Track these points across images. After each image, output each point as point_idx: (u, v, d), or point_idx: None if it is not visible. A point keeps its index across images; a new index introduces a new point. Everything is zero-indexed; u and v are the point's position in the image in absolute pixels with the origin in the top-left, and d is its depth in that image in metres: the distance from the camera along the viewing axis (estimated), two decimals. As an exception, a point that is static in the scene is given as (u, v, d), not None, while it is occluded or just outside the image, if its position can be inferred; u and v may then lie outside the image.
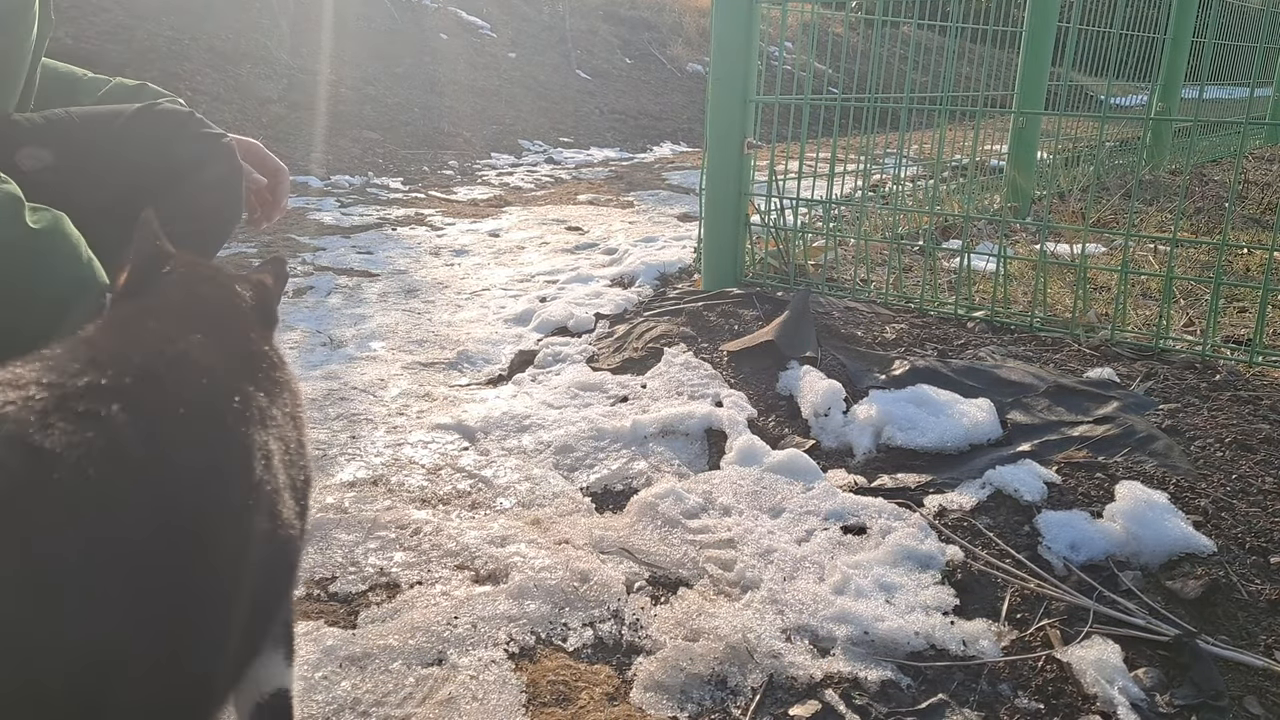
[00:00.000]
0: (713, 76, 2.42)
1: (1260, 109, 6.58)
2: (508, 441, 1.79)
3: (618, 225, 4.01)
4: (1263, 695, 1.08)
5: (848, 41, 4.62)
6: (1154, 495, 1.39)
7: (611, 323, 2.45)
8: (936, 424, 1.65)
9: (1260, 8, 6.49)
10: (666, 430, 1.77)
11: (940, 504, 1.47)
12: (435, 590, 1.30)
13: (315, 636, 1.18)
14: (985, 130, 4.43)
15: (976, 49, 4.08)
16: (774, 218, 2.49)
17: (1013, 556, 1.33)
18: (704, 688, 1.13)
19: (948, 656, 1.16)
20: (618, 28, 9.88)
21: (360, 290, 2.88)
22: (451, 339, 2.42)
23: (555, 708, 1.09)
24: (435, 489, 1.61)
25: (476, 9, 8.44)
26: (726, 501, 1.51)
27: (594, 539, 1.43)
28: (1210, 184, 4.48)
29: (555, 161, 6.21)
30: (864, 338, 2.13)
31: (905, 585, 1.28)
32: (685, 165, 6.35)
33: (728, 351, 2.08)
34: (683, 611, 1.25)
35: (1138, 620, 1.18)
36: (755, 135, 2.44)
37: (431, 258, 3.36)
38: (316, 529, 1.45)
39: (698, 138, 7.72)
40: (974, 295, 2.39)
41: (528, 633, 1.21)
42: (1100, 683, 1.09)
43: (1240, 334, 2.19)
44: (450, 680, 1.12)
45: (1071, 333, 2.11)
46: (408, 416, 1.91)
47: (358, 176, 4.92)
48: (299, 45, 6.10)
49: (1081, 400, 1.74)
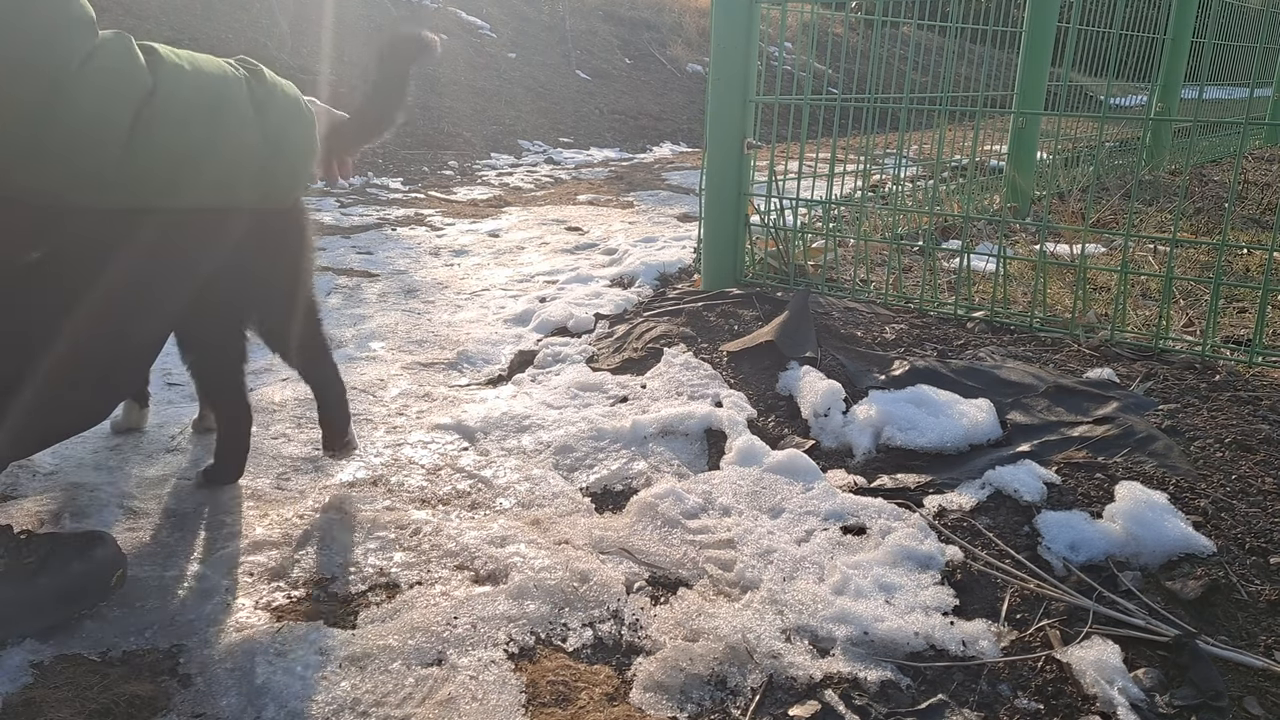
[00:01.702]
0: (713, 77, 2.42)
1: (1260, 109, 6.58)
2: (507, 442, 1.79)
3: (617, 225, 4.01)
4: (1262, 695, 1.08)
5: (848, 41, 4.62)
6: (1154, 495, 1.39)
7: (611, 323, 2.45)
8: (936, 424, 1.65)
9: (1260, 8, 6.50)
10: (666, 430, 1.77)
11: (940, 504, 1.47)
12: (435, 590, 1.30)
13: (315, 636, 1.18)
14: (985, 130, 4.43)
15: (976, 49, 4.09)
16: (774, 218, 2.49)
17: (1012, 557, 1.33)
18: (704, 688, 1.13)
19: (947, 657, 1.16)
20: (618, 28, 9.88)
21: (360, 290, 2.88)
22: (451, 339, 2.42)
23: (555, 708, 1.09)
24: (435, 489, 1.61)
25: (476, 9, 8.44)
26: (726, 502, 1.51)
27: (594, 539, 1.43)
28: (1210, 184, 4.48)
29: (555, 162, 6.21)
30: (864, 338, 2.13)
31: (905, 585, 1.28)
32: (685, 165, 6.35)
33: (727, 352, 2.08)
34: (682, 612, 1.25)
35: (1137, 621, 1.18)
36: (755, 135, 2.44)
37: (431, 258, 3.36)
38: (316, 529, 1.45)
39: (698, 138, 7.73)
40: (974, 295, 2.39)
41: (527, 633, 1.21)
42: (1100, 683, 1.09)
43: (1240, 334, 2.19)
44: (450, 680, 1.12)
45: (1071, 333, 2.11)
46: (407, 417, 1.91)
47: (357, 177, 4.92)
48: (299, 45, 6.10)
49: (1081, 400, 1.74)
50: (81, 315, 1.13)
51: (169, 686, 1.10)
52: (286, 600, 1.27)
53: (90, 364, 1.18)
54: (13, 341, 1.12)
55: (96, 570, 1.21)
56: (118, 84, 1.04)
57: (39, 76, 0.97)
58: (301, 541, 1.41)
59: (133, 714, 1.05)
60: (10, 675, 1.09)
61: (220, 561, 1.35)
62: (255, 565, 1.35)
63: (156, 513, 1.49)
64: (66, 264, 1.15)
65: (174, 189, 1.15)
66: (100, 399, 1.25)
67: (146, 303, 1.23)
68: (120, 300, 1.18)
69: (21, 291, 1.13)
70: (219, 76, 1.18)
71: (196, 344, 1.49)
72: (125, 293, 1.18)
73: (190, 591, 1.28)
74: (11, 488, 1.53)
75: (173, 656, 1.15)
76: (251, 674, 1.11)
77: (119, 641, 1.17)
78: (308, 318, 1.55)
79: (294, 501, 1.54)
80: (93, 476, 1.59)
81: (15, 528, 1.21)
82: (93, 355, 1.18)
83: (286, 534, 1.43)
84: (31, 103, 0.98)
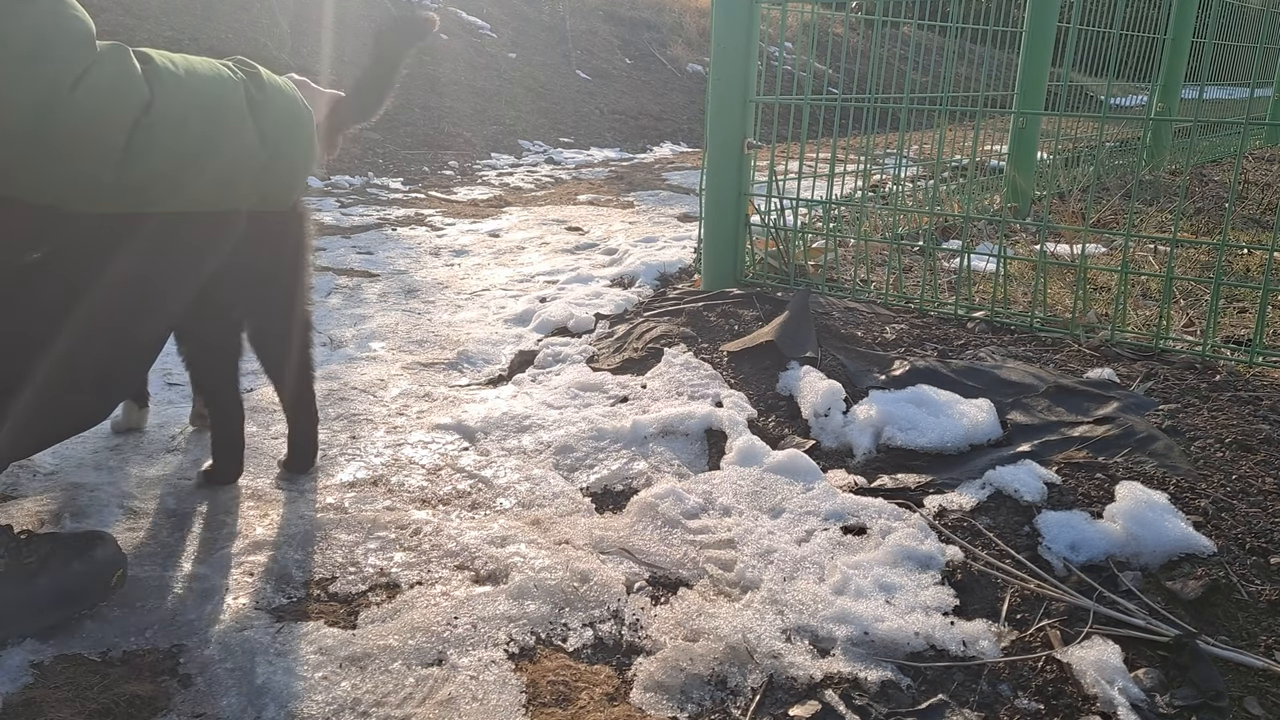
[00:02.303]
0: (713, 77, 2.42)
1: (1260, 109, 6.58)
2: (508, 442, 1.79)
3: (618, 225, 4.01)
4: (1263, 696, 1.08)
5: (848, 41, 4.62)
6: (1154, 495, 1.39)
7: (611, 323, 2.45)
8: (936, 424, 1.65)
9: (1260, 8, 6.49)
10: (666, 430, 1.77)
11: (940, 504, 1.47)
12: (435, 590, 1.29)
13: (315, 636, 1.18)
14: (985, 130, 4.43)
15: (976, 49, 4.09)
16: (774, 218, 2.49)
17: (1013, 557, 1.33)
18: (704, 688, 1.13)
19: (948, 657, 1.16)
20: (618, 28, 9.88)
21: (360, 290, 2.88)
22: (451, 339, 2.42)
23: (555, 708, 1.09)
24: (435, 489, 1.61)
25: (476, 9, 8.44)
26: (726, 502, 1.51)
27: (594, 539, 1.43)
28: (1210, 184, 4.48)
29: (555, 162, 6.21)
30: (864, 338, 2.13)
31: (905, 585, 1.28)
32: (685, 165, 6.35)
33: (728, 352, 2.08)
34: (683, 612, 1.25)
35: (1138, 621, 1.18)
36: (755, 135, 2.44)
37: (431, 258, 3.36)
38: (316, 529, 1.45)
39: (698, 138, 7.73)
40: (974, 295, 2.39)
41: (528, 633, 1.21)
42: (1100, 683, 1.09)
43: (1240, 334, 2.19)
44: (450, 680, 1.12)
45: (1071, 333, 2.11)
46: (407, 417, 1.91)
47: (358, 177, 4.92)
48: (299, 45, 6.10)
49: (1081, 400, 1.74)
50: (81, 315, 1.13)
51: (169, 686, 1.10)
52: (286, 600, 1.27)
53: (90, 364, 1.18)
54: (12, 341, 1.12)
55: (96, 570, 1.21)
56: (112, 103, 1.04)
57: (30, 99, 0.97)
58: (301, 541, 1.41)
59: (133, 714, 1.05)
60: (10, 675, 1.09)
61: (220, 561, 1.35)
62: (255, 565, 1.35)
63: (156, 513, 1.49)
64: (66, 264, 1.15)
65: (172, 195, 1.15)
66: (100, 400, 1.25)
67: (146, 303, 1.23)
68: (120, 301, 1.18)
69: (21, 292, 1.12)
70: (216, 81, 1.18)
71: (194, 341, 1.50)
72: (125, 293, 1.18)
73: (190, 591, 1.28)
74: (11, 488, 1.53)
75: (173, 656, 1.15)
76: (251, 674, 1.11)
77: (119, 641, 1.17)
78: (301, 335, 1.55)
79: (294, 501, 1.54)
80: (93, 476, 1.59)
81: (15, 528, 1.21)
82: (92, 356, 1.18)
83: (286, 534, 1.43)
84: (24, 123, 0.98)
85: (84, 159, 1.04)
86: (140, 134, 1.06)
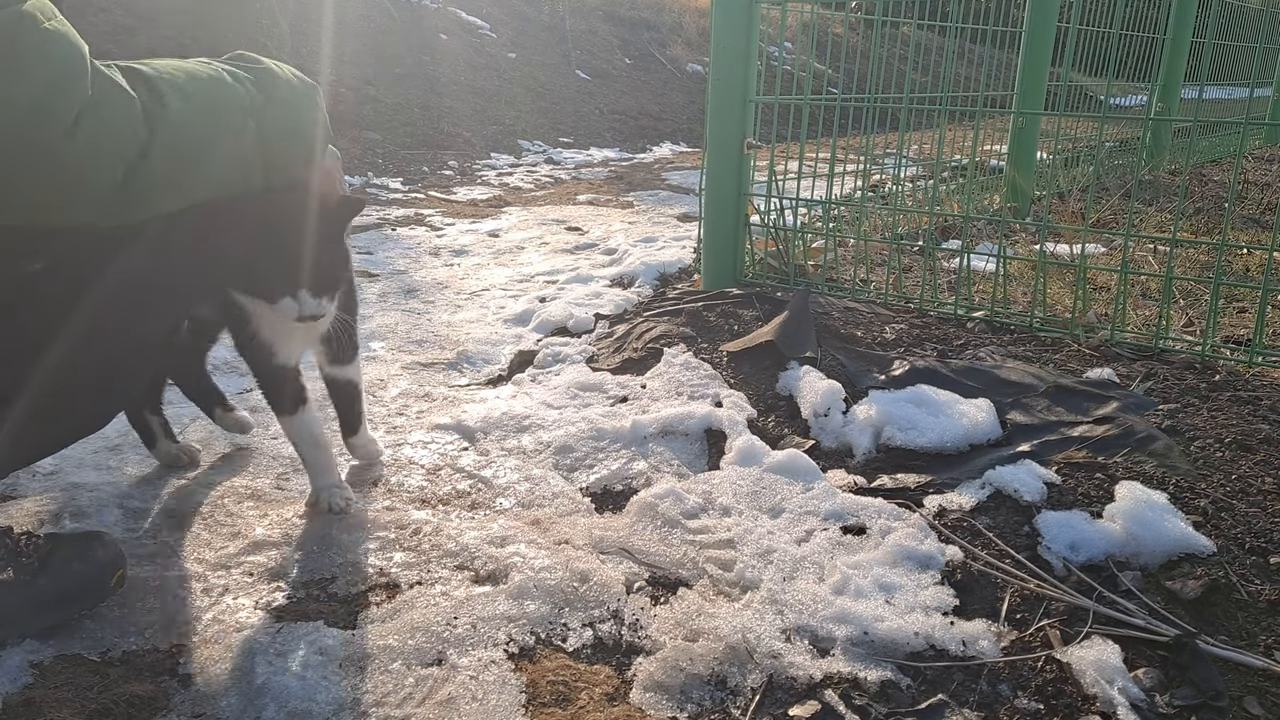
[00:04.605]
0: (712, 77, 2.42)
1: (1260, 109, 6.57)
2: (507, 442, 1.79)
3: (617, 225, 4.01)
4: (1262, 695, 1.08)
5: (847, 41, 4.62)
6: (1154, 495, 1.39)
7: (611, 323, 2.45)
8: (936, 424, 1.65)
9: (1260, 8, 6.49)
10: (666, 430, 1.77)
11: (940, 504, 1.47)
12: (435, 590, 1.30)
13: (315, 636, 1.18)
14: (985, 130, 4.43)
15: (976, 49, 4.09)
16: (773, 218, 2.49)
17: (1012, 557, 1.33)
18: (704, 688, 1.13)
19: (947, 657, 1.16)
20: (618, 28, 9.87)
21: (359, 291, 2.87)
22: (451, 339, 2.42)
23: (555, 708, 1.09)
24: (435, 489, 1.61)
25: (476, 9, 8.44)
26: (726, 502, 1.51)
27: (594, 539, 1.43)
28: (1210, 184, 4.48)
29: (555, 162, 6.21)
30: (864, 338, 2.13)
31: (905, 585, 1.28)
32: (685, 165, 6.35)
33: (727, 352, 2.08)
34: (682, 612, 1.25)
35: (1137, 620, 1.18)
36: (755, 135, 2.44)
37: (431, 258, 3.36)
38: (316, 529, 1.45)
39: (698, 138, 7.72)
40: (974, 295, 2.39)
41: (527, 633, 1.21)
42: (1100, 683, 1.09)
43: (1240, 334, 2.19)
44: (450, 680, 1.12)
45: (1071, 333, 2.11)
46: (407, 417, 1.91)
47: (357, 177, 4.92)
48: (299, 45, 6.10)
49: (1081, 400, 1.74)
50: (79, 321, 1.12)
51: (169, 686, 1.10)
52: (286, 600, 1.27)
53: (89, 371, 1.18)
54: (11, 348, 1.11)
55: (96, 570, 1.21)
56: (110, 141, 1.02)
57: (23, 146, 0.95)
58: (301, 541, 1.41)
59: (133, 714, 1.05)
60: (10, 675, 1.09)
61: (220, 561, 1.35)
62: (255, 565, 1.35)
63: (156, 513, 1.49)
64: (63, 271, 1.14)
65: (173, 205, 1.14)
66: (100, 406, 1.25)
67: (145, 308, 1.23)
68: (118, 306, 1.18)
69: (19, 298, 1.12)
70: (213, 81, 1.15)
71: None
72: (123, 298, 1.18)
73: (190, 591, 1.28)
74: (11, 488, 1.53)
75: (173, 656, 1.15)
76: (251, 674, 1.11)
77: (119, 641, 1.17)
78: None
79: (294, 501, 1.54)
80: (93, 476, 1.59)
81: (15, 528, 1.21)
82: (91, 362, 1.17)
83: (286, 534, 1.43)
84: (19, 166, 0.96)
85: (82, 189, 1.02)
86: (139, 164, 1.04)
